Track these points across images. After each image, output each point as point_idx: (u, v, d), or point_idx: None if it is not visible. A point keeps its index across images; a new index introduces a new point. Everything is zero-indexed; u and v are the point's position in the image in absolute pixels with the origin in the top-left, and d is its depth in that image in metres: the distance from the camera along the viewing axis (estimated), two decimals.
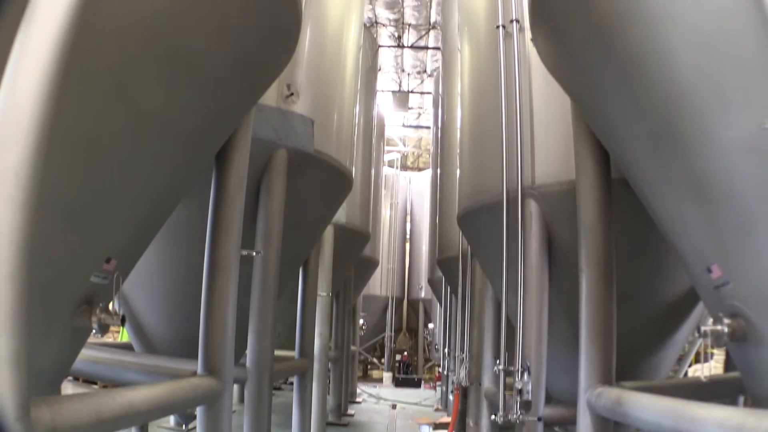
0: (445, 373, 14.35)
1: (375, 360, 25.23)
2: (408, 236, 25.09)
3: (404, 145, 32.31)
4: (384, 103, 23.13)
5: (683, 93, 3.24)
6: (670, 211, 4.00)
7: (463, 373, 9.66)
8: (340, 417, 13.85)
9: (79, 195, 2.97)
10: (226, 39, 3.64)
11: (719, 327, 3.38)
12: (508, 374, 5.63)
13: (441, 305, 16.62)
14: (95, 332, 3.43)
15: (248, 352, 6.03)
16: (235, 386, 6.92)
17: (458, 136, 8.36)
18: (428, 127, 24.05)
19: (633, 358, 5.85)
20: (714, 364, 9.25)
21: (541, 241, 5.67)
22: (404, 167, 29.23)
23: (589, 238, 4.76)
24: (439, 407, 15.96)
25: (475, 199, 6.86)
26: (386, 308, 22.98)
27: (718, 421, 2.98)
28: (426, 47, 23.27)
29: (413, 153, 33.18)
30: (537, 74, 5.81)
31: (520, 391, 5.33)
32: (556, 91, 5.05)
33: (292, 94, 6.31)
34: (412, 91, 26.14)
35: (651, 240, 4.68)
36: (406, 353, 24.25)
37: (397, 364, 23.61)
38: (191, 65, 3.41)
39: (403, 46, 22.94)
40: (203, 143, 4.29)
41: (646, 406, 3.75)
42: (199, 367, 4.46)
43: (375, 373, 24.65)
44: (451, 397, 12.53)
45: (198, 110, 3.74)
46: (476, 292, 9.00)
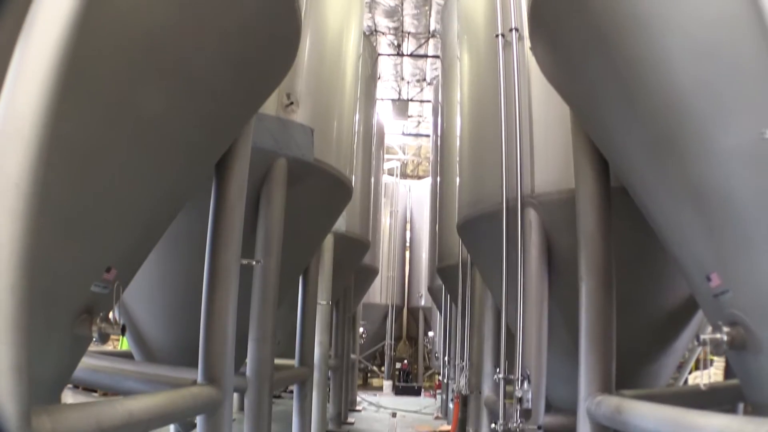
0: (445, 381, 14.31)
1: (375, 368, 25.15)
2: (408, 244, 25.05)
3: (404, 153, 32.31)
4: (384, 112, 23.11)
5: (682, 101, 3.24)
6: (669, 220, 4.00)
7: (463, 381, 9.66)
8: (340, 425, 13.81)
9: (80, 205, 2.98)
10: (226, 48, 3.66)
11: (718, 335, 3.37)
12: (508, 383, 5.63)
13: (441, 313, 16.61)
14: (95, 341, 3.44)
15: (248, 361, 6.03)
16: (235, 395, 6.91)
17: (458, 144, 8.38)
18: (428, 136, 24.06)
19: (633, 366, 5.84)
20: (714, 371, 9.23)
21: (541, 249, 5.68)
22: (404, 175, 29.24)
23: (588, 246, 4.77)
24: (439, 415, 15.91)
25: (475, 208, 6.87)
26: (386, 316, 22.91)
27: (717, 429, 2.98)
28: (425, 55, 23.28)
29: (413, 161, 33.19)
30: (536, 83, 5.83)
31: (520, 400, 5.33)
32: (556, 99, 5.07)
33: (291, 103, 6.33)
34: (411, 100, 26.11)
35: (650, 248, 4.68)
36: (406, 361, 24.18)
37: (397, 373, 23.52)
38: (191, 74, 3.43)
39: (402, 55, 22.93)
40: (203, 152, 4.30)
41: (645, 415, 3.75)
42: (199, 375, 4.47)
43: (375, 382, 24.55)
44: (451, 406, 12.50)
45: (198, 120, 3.76)
46: (476, 300, 9.01)
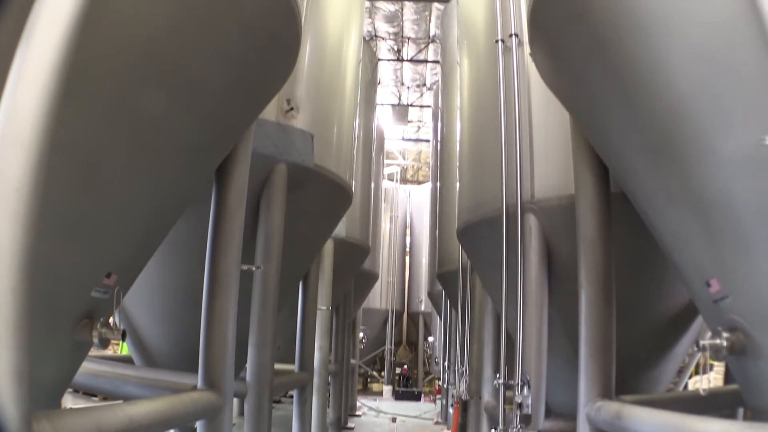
0: (445, 386, 14.32)
1: (375, 373, 25.15)
2: (408, 249, 25.06)
3: (404, 158, 32.32)
4: (383, 117, 23.15)
5: (682, 107, 3.25)
6: (669, 226, 4.00)
7: (463, 386, 9.66)
8: (339, 430, 13.80)
9: (80, 209, 2.99)
10: (227, 55, 3.66)
11: (718, 341, 3.38)
12: (508, 388, 5.62)
13: (441, 318, 16.61)
14: (96, 346, 3.44)
15: (248, 366, 6.02)
16: (235, 400, 6.90)
17: (458, 149, 8.40)
18: (428, 141, 24.09)
19: (632, 371, 5.84)
20: (714, 375, 9.21)
21: (541, 255, 5.68)
22: (404, 180, 29.26)
23: (588, 252, 4.77)
24: (439, 420, 15.89)
25: (475, 213, 6.88)
26: (386, 321, 22.91)
27: None
28: (425, 61, 23.31)
29: (413, 166, 33.21)
30: (536, 88, 5.84)
31: (520, 405, 5.33)
32: (555, 105, 5.08)
33: (291, 108, 6.33)
34: (411, 105, 26.13)
35: (650, 254, 4.68)
36: (406, 366, 24.14)
37: (397, 378, 23.51)
38: (192, 80, 3.44)
39: (402, 60, 22.97)
40: (204, 158, 4.31)
41: (645, 420, 3.74)
42: (199, 381, 4.47)
43: (375, 387, 24.56)
44: (451, 411, 12.49)
45: (198, 125, 3.76)
46: (476, 305, 9.01)
